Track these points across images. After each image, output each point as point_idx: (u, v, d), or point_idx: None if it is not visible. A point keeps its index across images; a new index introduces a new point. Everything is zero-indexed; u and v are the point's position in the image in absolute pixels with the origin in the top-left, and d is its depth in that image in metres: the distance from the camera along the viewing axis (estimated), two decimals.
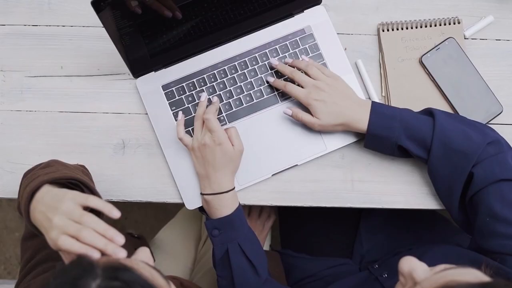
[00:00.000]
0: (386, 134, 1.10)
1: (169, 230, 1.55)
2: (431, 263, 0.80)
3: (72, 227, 0.84)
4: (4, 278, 2.23)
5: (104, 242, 0.82)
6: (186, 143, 1.14)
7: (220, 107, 1.19)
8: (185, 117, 1.18)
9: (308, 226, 1.42)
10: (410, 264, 0.77)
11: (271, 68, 1.19)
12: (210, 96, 1.19)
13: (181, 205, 1.19)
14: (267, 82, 1.18)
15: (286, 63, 1.18)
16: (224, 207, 1.12)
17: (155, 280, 0.76)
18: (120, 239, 0.83)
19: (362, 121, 1.11)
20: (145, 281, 0.74)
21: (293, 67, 1.16)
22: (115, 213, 0.87)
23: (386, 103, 1.20)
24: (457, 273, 0.72)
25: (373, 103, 1.12)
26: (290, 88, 1.14)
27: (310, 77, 1.14)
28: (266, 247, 1.52)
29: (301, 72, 1.15)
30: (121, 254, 0.81)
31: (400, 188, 1.18)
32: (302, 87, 1.13)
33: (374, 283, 1.14)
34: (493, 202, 1.03)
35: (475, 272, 0.73)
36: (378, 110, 1.11)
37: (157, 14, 1.07)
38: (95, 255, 0.81)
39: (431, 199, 1.17)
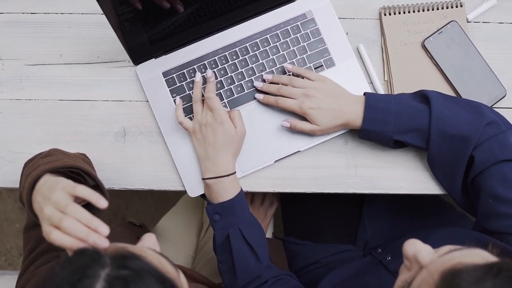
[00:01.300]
0: (381, 129, 1.09)
1: (170, 219, 1.55)
2: (436, 245, 0.79)
3: (56, 217, 0.82)
4: (5, 269, 2.23)
5: (85, 231, 0.80)
6: (187, 127, 1.13)
7: (221, 93, 1.18)
8: (185, 104, 1.17)
9: (311, 213, 1.42)
10: (415, 247, 0.76)
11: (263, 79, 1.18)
12: (204, 74, 1.17)
13: (182, 193, 1.18)
14: (256, 99, 1.17)
15: (267, 80, 1.17)
16: (225, 192, 1.11)
17: (164, 268, 0.75)
18: (105, 229, 0.80)
19: (357, 118, 1.10)
20: (154, 269, 0.73)
21: (277, 83, 1.16)
22: (102, 203, 0.84)
23: (389, 88, 1.19)
24: (463, 254, 0.71)
25: (367, 97, 1.11)
26: (282, 102, 1.13)
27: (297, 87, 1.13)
28: (268, 234, 1.51)
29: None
30: (103, 244, 0.79)
31: (403, 173, 1.18)
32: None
33: (378, 266, 1.14)
34: (495, 183, 1.02)
35: (482, 252, 0.72)
36: (372, 104, 1.09)
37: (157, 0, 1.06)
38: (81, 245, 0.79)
39: (434, 183, 1.17)
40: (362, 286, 1.10)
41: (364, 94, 1.12)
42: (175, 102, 1.17)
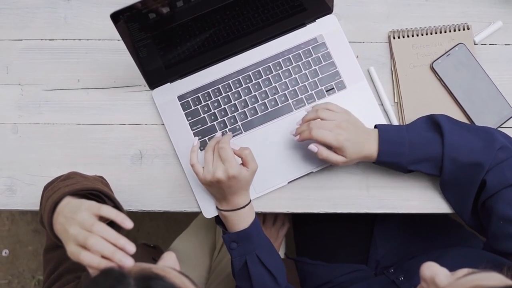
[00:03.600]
0: (396, 161, 1.11)
1: (184, 240, 1.56)
2: (450, 265, 0.80)
3: (82, 236, 0.84)
4: None
5: (111, 249, 0.82)
6: (197, 172, 1.10)
7: (235, 116, 1.20)
8: (199, 127, 1.20)
9: (322, 233, 1.43)
10: (432, 270, 0.77)
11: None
12: (222, 131, 1.20)
13: (195, 214, 1.19)
14: (294, 135, 1.15)
15: (298, 125, 1.15)
16: (241, 222, 1.13)
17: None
18: (131, 247, 0.83)
19: (374, 152, 1.11)
20: None
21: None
22: (128, 224, 0.86)
23: (399, 109, 1.21)
24: (480, 277, 0.72)
25: (380, 130, 1.12)
26: (319, 134, 1.09)
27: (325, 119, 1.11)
28: (281, 255, 1.52)
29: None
30: (128, 262, 0.80)
31: (414, 193, 1.19)
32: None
33: (391, 285, 1.15)
34: (506, 206, 1.04)
35: (498, 275, 0.73)
36: (386, 138, 1.10)
37: (172, 26, 1.09)
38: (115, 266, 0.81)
39: (445, 203, 1.18)
40: None
41: (376, 126, 1.14)
42: (190, 125, 1.20)
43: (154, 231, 2.26)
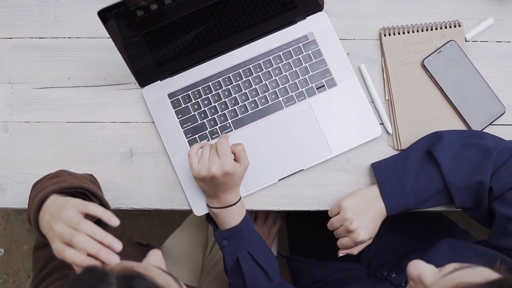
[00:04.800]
0: (406, 208, 1.14)
1: (176, 238, 1.56)
2: (435, 259, 0.81)
3: (68, 234, 0.84)
4: None
5: (97, 247, 0.82)
6: (192, 163, 1.10)
7: (226, 114, 1.20)
8: (190, 125, 1.20)
9: (315, 231, 1.43)
10: (419, 268, 0.77)
11: None
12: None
13: (188, 212, 1.20)
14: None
15: None
16: (232, 219, 1.13)
17: (169, 287, 0.76)
18: (118, 245, 0.82)
19: (382, 210, 1.14)
20: None
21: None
22: (114, 221, 0.86)
23: (390, 106, 1.21)
24: (465, 274, 0.72)
25: (379, 183, 1.14)
26: (343, 243, 1.16)
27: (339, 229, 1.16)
28: (273, 252, 1.52)
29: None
30: (114, 259, 0.80)
31: None
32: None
33: (384, 282, 1.15)
34: (509, 207, 1.06)
35: (484, 270, 0.73)
36: (388, 193, 1.13)
37: (161, 23, 1.09)
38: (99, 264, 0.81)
39: None
40: None
41: (372, 165, 1.17)
42: (180, 123, 1.20)
43: (149, 230, 2.26)
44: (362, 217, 1.13)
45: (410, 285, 0.80)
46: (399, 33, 1.23)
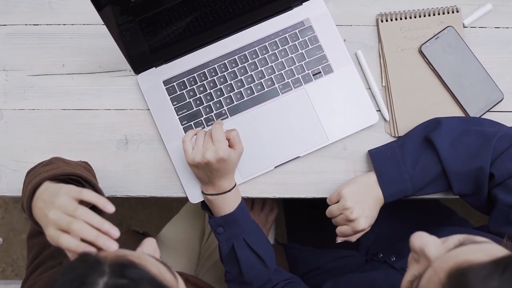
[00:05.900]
0: (403, 195, 1.13)
1: (173, 226, 1.56)
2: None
3: (64, 221, 0.83)
4: (12, 279, 2.24)
5: (95, 234, 0.81)
6: (186, 149, 1.09)
7: (221, 101, 1.19)
8: (185, 111, 1.19)
9: (313, 219, 1.43)
10: (422, 240, 0.76)
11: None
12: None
13: (185, 200, 1.19)
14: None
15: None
16: (227, 206, 1.13)
17: (162, 276, 0.75)
18: (115, 232, 0.81)
19: (380, 197, 1.13)
20: (153, 278, 0.73)
21: None
22: (109, 207, 0.85)
23: (387, 93, 1.20)
24: (470, 250, 0.70)
25: (376, 171, 1.13)
26: (342, 231, 1.16)
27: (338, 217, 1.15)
28: (270, 241, 1.52)
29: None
30: (113, 246, 0.80)
31: None
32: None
33: (383, 265, 1.15)
34: (511, 194, 1.06)
35: (489, 246, 0.71)
36: (385, 181, 1.12)
37: (156, 9, 1.08)
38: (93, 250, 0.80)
39: None
40: (369, 280, 1.11)
41: (369, 152, 1.16)
42: (175, 110, 1.19)
43: (147, 218, 2.25)
44: (362, 206, 1.13)
45: (413, 257, 0.78)
46: (396, 19, 1.22)
